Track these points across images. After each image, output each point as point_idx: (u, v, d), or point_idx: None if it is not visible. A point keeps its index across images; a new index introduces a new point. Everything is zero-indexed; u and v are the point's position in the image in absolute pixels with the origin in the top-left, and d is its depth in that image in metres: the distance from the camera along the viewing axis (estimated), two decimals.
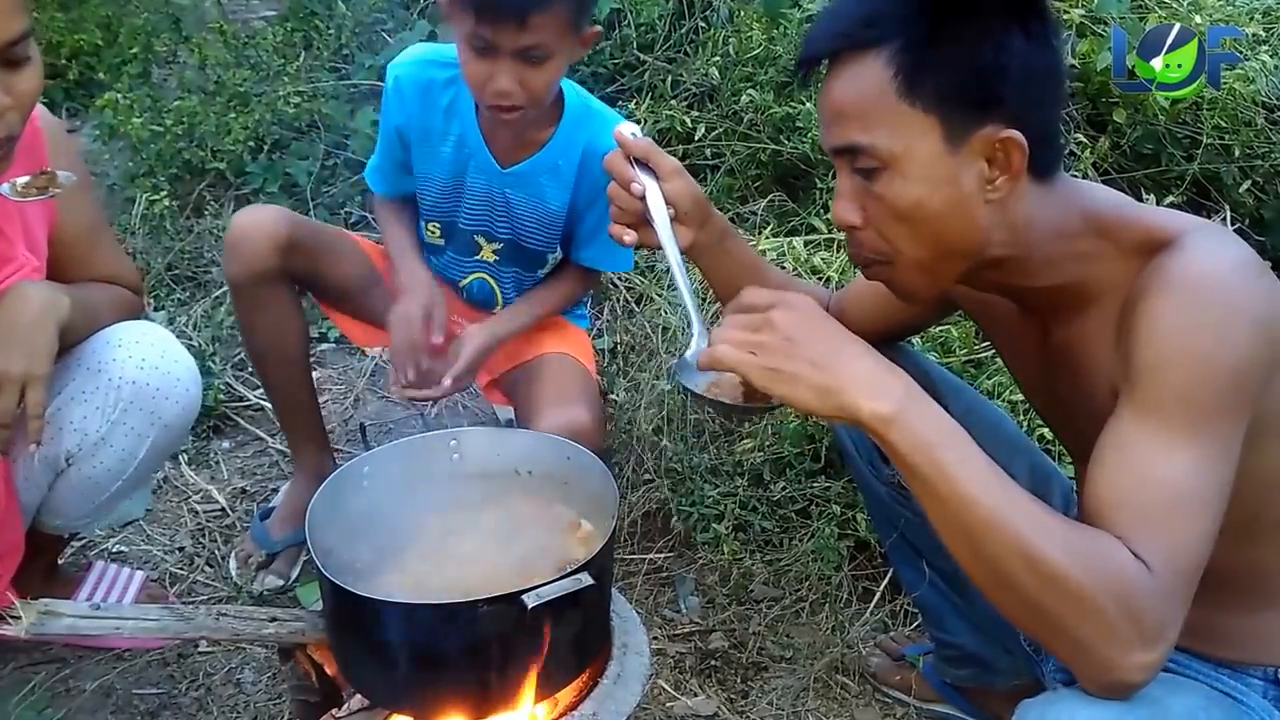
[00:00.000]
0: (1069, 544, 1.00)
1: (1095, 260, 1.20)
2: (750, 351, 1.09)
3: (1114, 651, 0.99)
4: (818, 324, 1.11)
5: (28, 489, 1.69)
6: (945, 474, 1.03)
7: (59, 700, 1.82)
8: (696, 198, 1.43)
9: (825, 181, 2.68)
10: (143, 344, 1.67)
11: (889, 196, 1.16)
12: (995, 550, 1.01)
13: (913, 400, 1.06)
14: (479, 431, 1.67)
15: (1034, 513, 1.02)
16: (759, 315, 1.11)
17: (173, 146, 3.28)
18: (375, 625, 1.36)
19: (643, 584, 2.08)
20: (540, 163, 1.94)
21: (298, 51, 3.58)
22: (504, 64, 1.72)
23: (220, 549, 2.18)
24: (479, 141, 1.93)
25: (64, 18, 4.01)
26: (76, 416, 1.65)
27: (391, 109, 1.97)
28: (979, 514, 1.01)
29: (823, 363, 1.07)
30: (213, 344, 2.71)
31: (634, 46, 3.08)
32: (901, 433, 1.04)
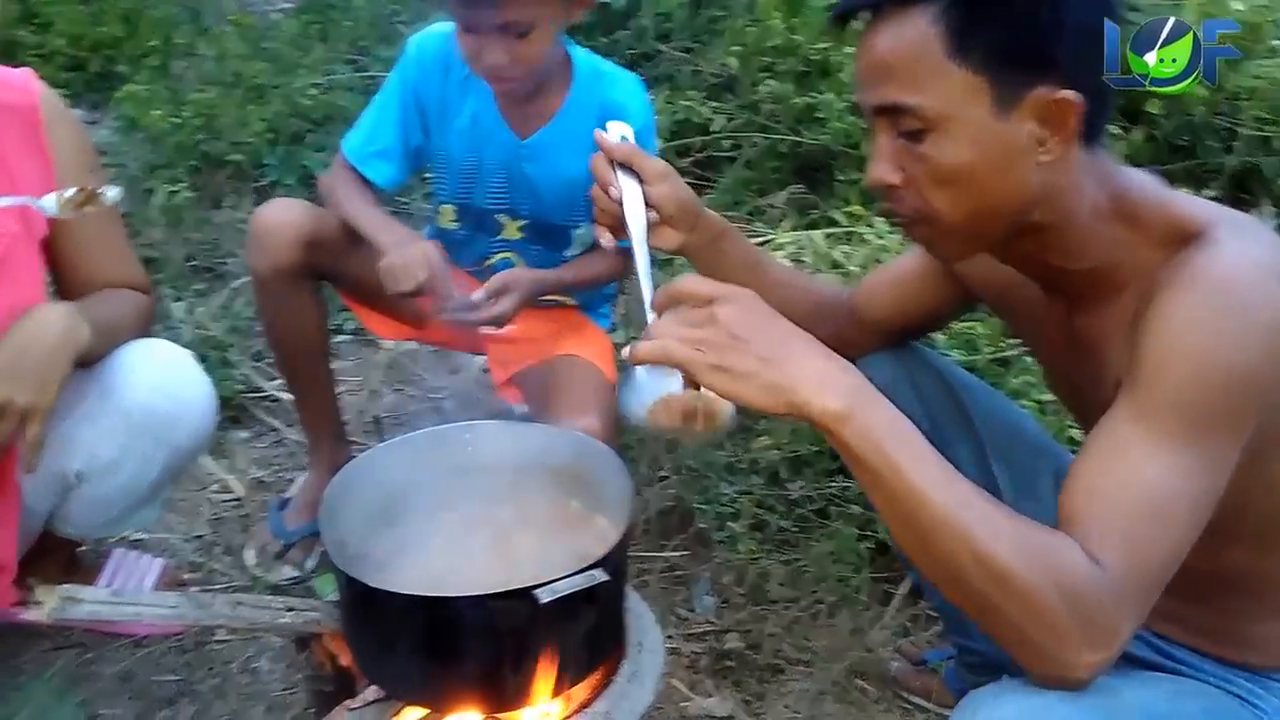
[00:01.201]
0: (1020, 543, 0.99)
1: (1123, 247, 1.17)
2: (695, 348, 1.05)
3: (1060, 650, 0.98)
4: (764, 318, 1.07)
5: (37, 498, 1.69)
6: (896, 471, 1.01)
7: (79, 685, 1.84)
8: (683, 201, 1.40)
9: (846, 174, 2.67)
10: (156, 368, 1.67)
11: (934, 159, 1.12)
12: (944, 547, 1.01)
13: (864, 397, 1.04)
14: (494, 425, 1.67)
15: (985, 511, 1.01)
16: (702, 310, 1.07)
17: (191, 138, 3.30)
18: (388, 617, 1.36)
19: (657, 582, 2.07)
20: (556, 130, 1.94)
21: (314, 44, 3.59)
22: (490, 39, 1.74)
23: (237, 538, 2.19)
24: (495, 115, 1.94)
25: (85, 10, 4.04)
26: (86, 438, 1.64)
27: (410, 76, 1.96)
28: (929, 511, 1.00)
29: (771, 359, 1.03)
30: (231, 335, 2.72)
31: (651, 36, 3.07)
32: (853, 430, 1.02)
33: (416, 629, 1.35)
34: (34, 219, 1.57)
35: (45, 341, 1.47)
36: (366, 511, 1.52)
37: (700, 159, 2.91)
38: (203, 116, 3.32)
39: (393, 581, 1.39)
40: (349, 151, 1.99)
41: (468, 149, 1.97)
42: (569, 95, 1.94)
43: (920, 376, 1.59)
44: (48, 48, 3.90)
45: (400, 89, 1.97)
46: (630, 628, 1.52)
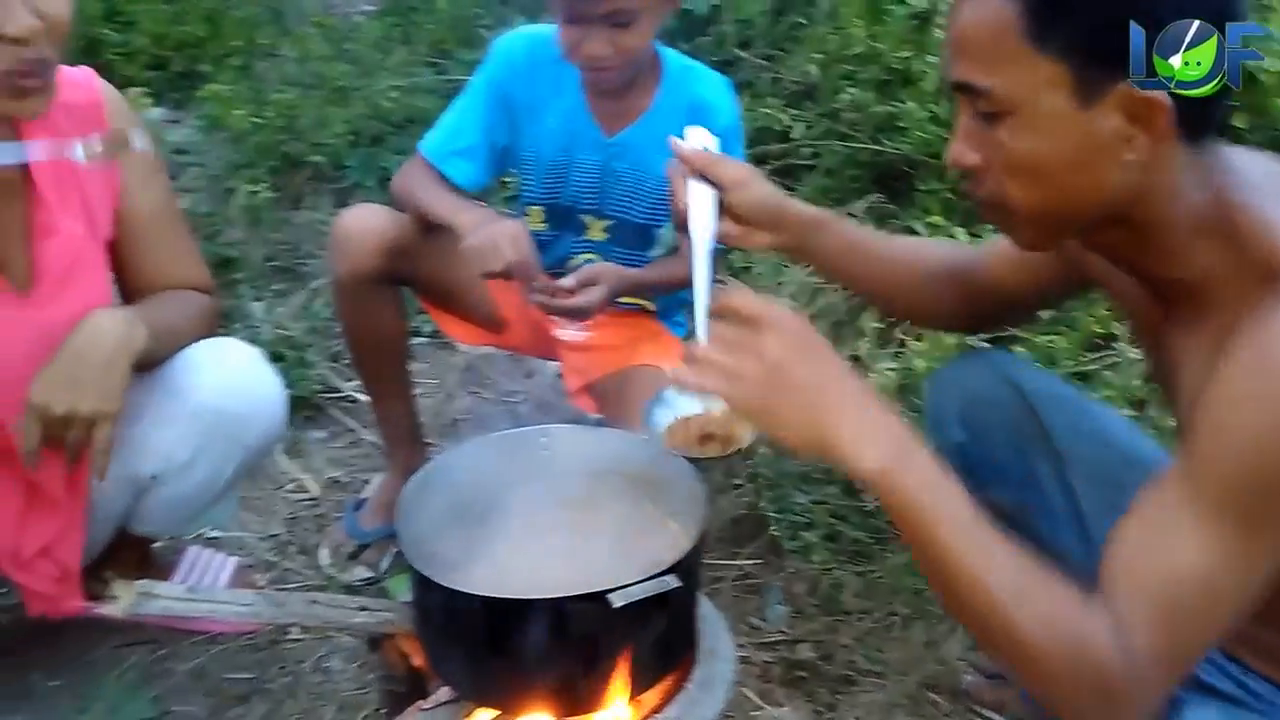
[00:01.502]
0: (1047, 618, 0.98)
1: (1217, 265, 1.07)
2: (737, 382, 1.02)
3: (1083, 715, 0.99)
4: (809, 353, 1.04)
5: (115, 501, 1.71)
6: (930, 533, 1.00)
7: (153, 681, 1.86)
8: (766, 204, 1.38)
9: (927, 184, 2.63)
10: (225, 368, 1.68)
11: (1007, 146, 1.06)
12: (972, 612, 1.01)
13: (902, 455, 1.02)
14: (570, 429, 1.66)
15: (1017, 578, 0.99)
16: (746, 334, 1.04)
17: (273, 139, 3.34)
18: (461, 618, 1.35)
19: (729, 590, 2.05)
20: (644, 129, 1.94)
21: (396, 46, 3.62)
22: (593, 29, 1.75)
23: (312, 537, 2.20)
24: (584, 114, 1.95)
25: (169, 10, 4.11)
26: (158, 441, 1.65)
27: (498, 75, 1.96)
28: (960, 576, 1.00)
29: (812, 405, 1.01)
30: (309, 335, 2.74)
31: (732, 43, 3.05)
32: (888, 491, 1.01)
33: (489, 630, 1.34)
34: (99, 223, 1.59)
35: (102, 347, 1.48)
36: (442, 512, 1.52)
37: (779, 167, 2.89)
38: (284, 117, 3.36)
39: (466, 582, 1.38)
40: (429, 151, 1.98)
41: (556, 148, 1.97)
42: (658, 94, 1.94)
43: (998, 393, 1.53)
44: (131, 46, 3.97)
45: (487, 89, 1.97)
46: (702, 635, 1.50)
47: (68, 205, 1.54)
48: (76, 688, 1.83)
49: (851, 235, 1.51)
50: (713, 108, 1.93)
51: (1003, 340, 2.23)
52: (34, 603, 1.67)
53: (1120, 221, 1.09)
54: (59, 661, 1.88)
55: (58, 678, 1.85)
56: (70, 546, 1.65)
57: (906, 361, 2.14)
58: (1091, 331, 2.24)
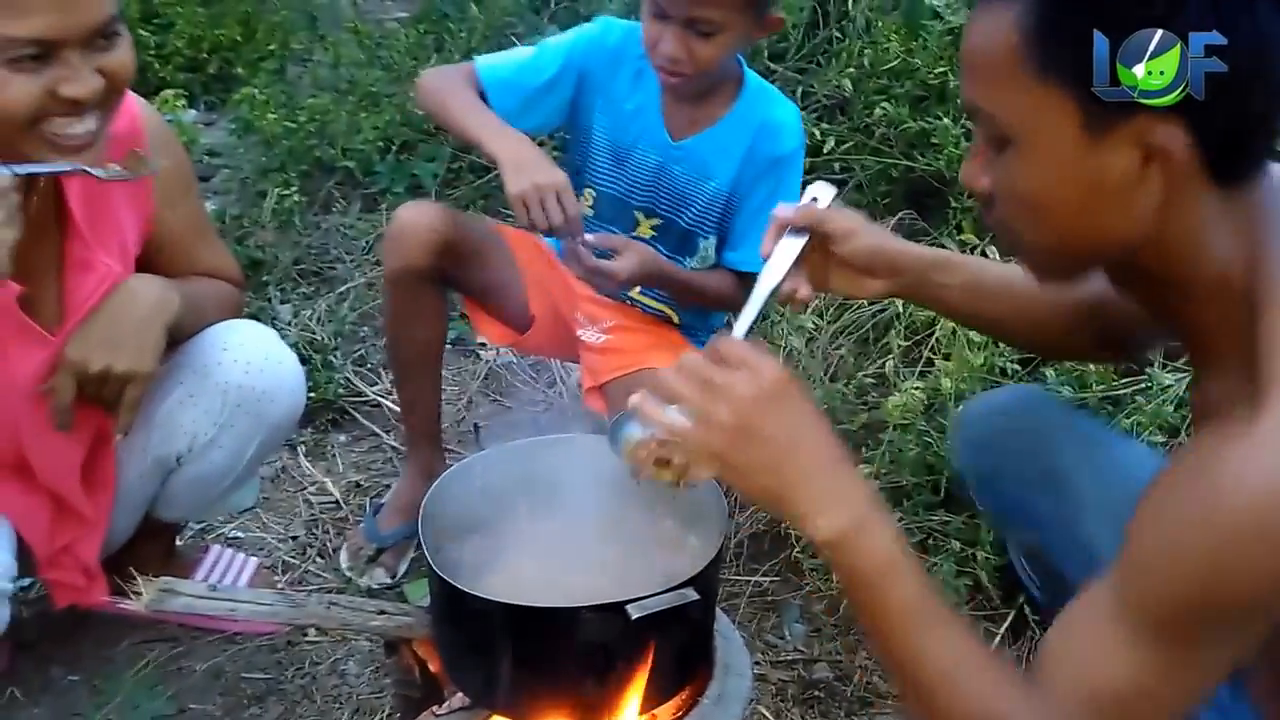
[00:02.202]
0: (982, 701, 0.99)
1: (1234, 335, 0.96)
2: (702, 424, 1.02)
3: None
4: (783, 407, 1.02)
5: (141, 485, 1.73)
6: (876, 610, 1.02)
7: (170, 679, 1.87)
8: (876, 250, 1.35)
9: (960, 201, 2.61)
10: (248, 346, 1.70)
11: (1012, 175, 0.99)
12: (907, 687, 1.04)
13: (860, 526, 1.01)
14: (592, 439, 1.66)
15: (955, 666, 1.00)
16: (720, 374, 1.02)
17: (304, 143, 3.35)
18: (479, 624, 1.36)
19: (747, 606, 2.03)
20: (711, 138, 1.96)
21: (429, 53, 3.63)
22: (674, 30, 1.77)
23: (332, 540, 2.21)
24: (656, 113, 1.97)
25: (205, 13, 4.14)
26: (186, 420, 1.68)
27: (585, 49, 1.98)
28: (899, 656, 1.02)
29: (774, 461, 1.01)
30: (335, 339, 2.75)
31: (765, 56, 3.04)
32: (840, 560, 1.02)
33: (507, 637, 1.34)
34: (128, 254, 1.60)
35: (138, 309, 1.51)
36: (462, 519, 1.53)
37: (808, 180, 2.87)
38: (316, 122, 3.38)
39: (484, 589, 1.38)
40: (484, 70, 1.97)
41: (622, 138, 1.99)
42: (733, 108, 1.96)
43: (1024, 431, 1.51)
44: (167, 48, 4.00)
45: (570, 55, 1.98)
46: (718, 650, 1.50)
47: (103, 241, 1.55)
48: (95, 683, 1.85)
49: (973, 272, 1.43)
50: (782, 130, 1.96)
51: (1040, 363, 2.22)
52: (61, 594, 1.69)
53: (1137, 268, 1.02)
54: (79, 656, 1.89)
55: (77, 672, 1.87)
56: (89, 546, 1.66)
57: (934, 381, 2.12)
58: None
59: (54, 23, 1.26)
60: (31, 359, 1.49)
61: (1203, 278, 0.98)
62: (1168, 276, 1.00)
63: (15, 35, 1.24)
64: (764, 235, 1.34)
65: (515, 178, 1.76)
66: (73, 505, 1.62)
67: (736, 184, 1.97)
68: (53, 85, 1.29)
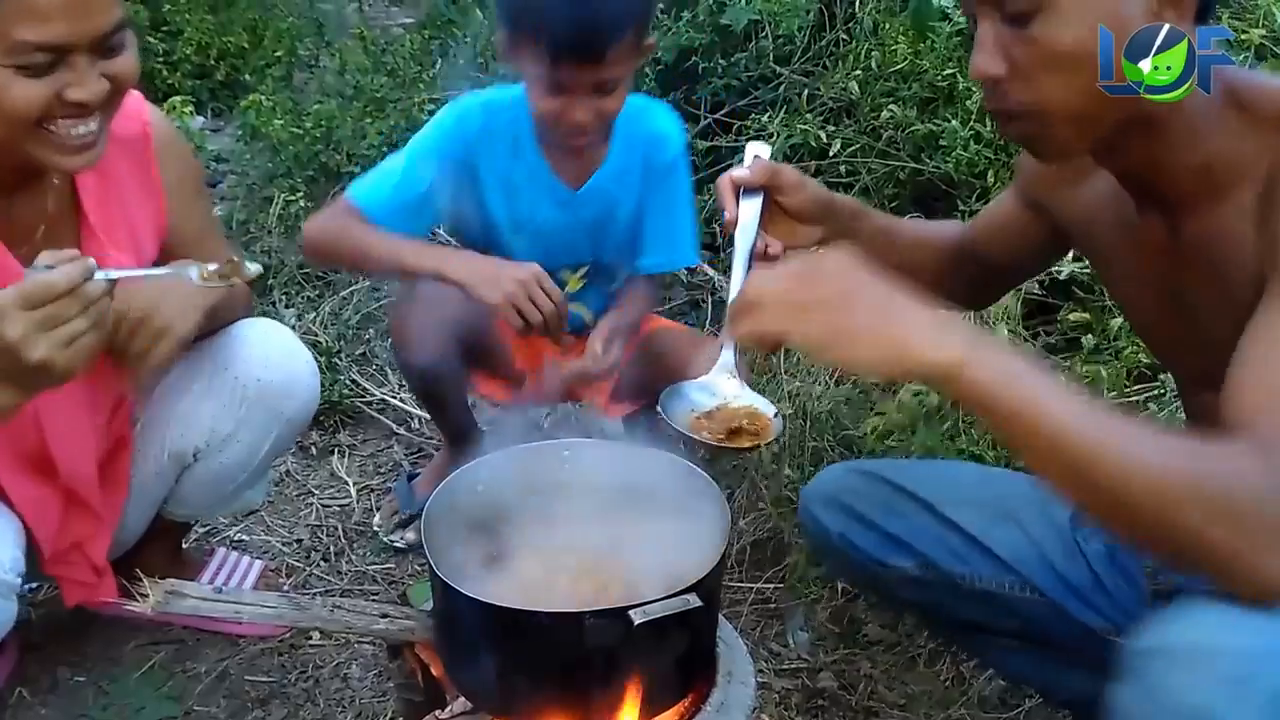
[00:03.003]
0: (1182, 453, 0.94)
1: (1235, 136, 1.10)
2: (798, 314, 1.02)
3: (1258, 555, 0.92)
4: (865, 274, 1.03)
5: (156, 482, 1.74)
6: (1032, 407, 0.96)
7: (176, 680, 1.87)
8: (818, 200, 1.45)
9: (968, 204, 2.60)
10: (266, 343, 1.72)
11: (1045, 40, 1.06)
12: (1103, 476, 0.95)
13: (978, 341, 0.99)
14: (594, 443, 1.66)
15: (1133, 430, 0.96)
16: (802, 264, 1.04)
17: (310, 149, 3.36)
18: (482, 628, 1.35)
19: (749, 614, 2.03)
20: (608, 172, 1.97)
21: (434, 59, 3.64)
22: (578, 98, 1.75)
23: (337, 544, 2.21)
24: (547, 174, 1.95)
25: (213, 20, 4.16)
26: (205, 414, 1.70)
27: (459, 145, 1.93)
28: (1075, 442, 0.95)
29: (882, 318, 1.00)
30: (338, 341, 2.76)
31: (770, 59, 3.04)
32: (975, 375, 0.97)
33: (509, 642, 1.34)
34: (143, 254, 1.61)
35: (183, 288, 1.51)
36: (465, 523, 1.53)
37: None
38: (322, 127, 3.39)
39: (487, 593, 1.38)
40: (364, 200, 1.92)
41: (523, 209, 1.97)
42: (614, 138, 1.96)
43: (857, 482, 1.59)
44: (176, 55, 4.02)
45: (440, 153, 1.92)
46: (721, 657, 1.49)
47: (116, 240, 1.56)
48: (101, 684, 1.85)
49: (883, 222, 1.58)
50: (667, 138, 2.00)
51: None
52: (71, 592, 1.70)
53: (1141, 120, 1.10)
54: (86, 658, 1.90)
55: (84, 673, 1.87)
56: (99, 544, 1.67)
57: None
58: (1136, 362, 2.20)
59: (67, 29, 1.27)
60: None
61: (1195, 105, 1.08)
62: (1165, 113, 1.09)
63: (30, 40, 1.26)
64: (722, 199, 1.39)
65: (490, 288, 1.75)
66: (85, 501, 1.62)
67: (641, 200, 2.00)
68: (60, 88, 1.30)
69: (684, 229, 2.07)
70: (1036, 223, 1.45)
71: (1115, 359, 2.21)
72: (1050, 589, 1.46)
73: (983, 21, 1.11)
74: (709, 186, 2.96)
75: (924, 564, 1.51)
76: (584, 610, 1.29)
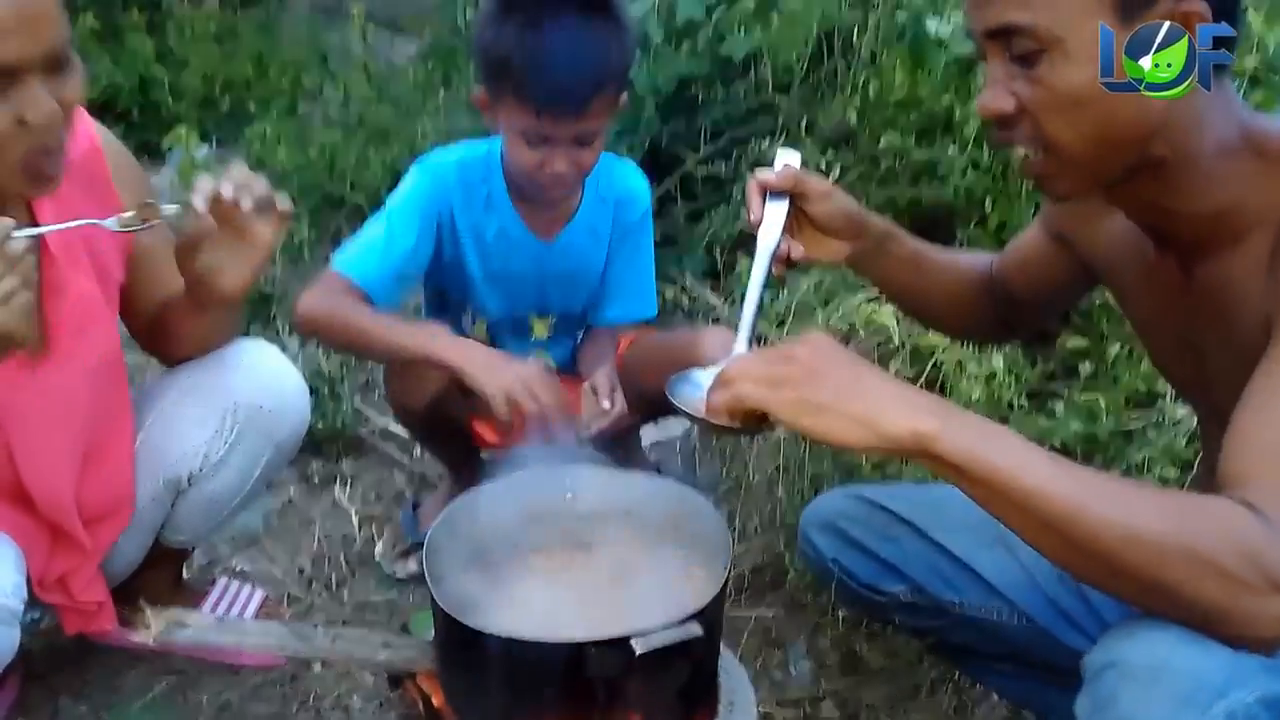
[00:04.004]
0: (1163, 508, 0.94)
1: (1253, 182, 1.10)
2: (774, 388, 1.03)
3: (1247, 604, 0.92)
4: (840, 352, 1.05)
5: (152, 509, 1.74)
6: (1010, 475, 0.96)
7: (177, 711, 1.86)
8: (848, 214, 1.43)
9: (966, 231, 2.62)
10: (256, 366, 1.73)
11: (1051, 81, 1.07)
12: (1086, 536, 0.95)
13: (950, 412, 1.00)
14: (594, 471, 1.67)
15: (1113, 488, 0.96)
16: (777, 350, 1.06)
17: (315, 178, 3.39)
18: (483, 658, 1.35)
19: (749, 642, 2.01)
20: (577, 227, 2.02)
21: (437, 89, 3.67)
22: (561, 150, 1.79)
23: (339, 573, 2.21)
24: (520, 227, 1.98)
25: (218, 51, 4.20)
26: (198, 440, 1.70)
27: (434, 201, 1.94)
28: (1057, 505, 0.95)
29: (851, 392, 1.01)
30: (341, 369, 2.77)
31: (770, 88, 3.06)
32: (950, 444, 0.97)
33: (510, 671, 1.34)
34: (109, 275, 1.60)
35: None
36: (467, 552, 1.54)
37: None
38: (326, 157, 3.42)
39: (489, 623, 1.38)
40: (355, 271, 1.90)
41: (497, 262, 2.00)
42: (584, 191, 2.00)
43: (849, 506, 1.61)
44: (181, 85, 4.06)
45: (420, 214, 1.92)
46: (722, 686, 1.50)
47: (76, 261, 1.55)
48: (103, 714, 1.84)
49: (914, 245, 1.55)
50: (636, 196, 2.07)
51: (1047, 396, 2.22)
52: (70, 620, 1.69)
53: (1151, 165, 1.10)
54: (87, 687, 1.89)
55: (84, 702, 1.87)
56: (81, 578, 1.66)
57: None
58: (1135, 389, 2.21)
59: (19, 45, 1.26)
60: (18, 388, 1.49)
61: (1208, 149, 1.09)
62: (1180, 158, 1.10)
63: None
64: (748, 199, 1.39)
65: (489, 375, 1.73)
66: (70, 533, 1.62)
67: (609, 254, 2.06)
68: (18, 113, 1.30)
69: (647, 283, 2.15)
70: (1063, 255, 1.44)
71: (1114, 385, 2.22)
72: (1039, 614, 1.46)
73: (991, 59, 1.12)
74: (711, 212, 3.01)
75: (915, 589, 1.53)
76: (586, 639, 1.29)
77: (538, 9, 1.74)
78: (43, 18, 1.29)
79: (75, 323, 1.54)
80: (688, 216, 3.06)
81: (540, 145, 1.79)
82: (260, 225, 1.48)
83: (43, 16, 1.29)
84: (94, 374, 1.57)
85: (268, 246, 1.50)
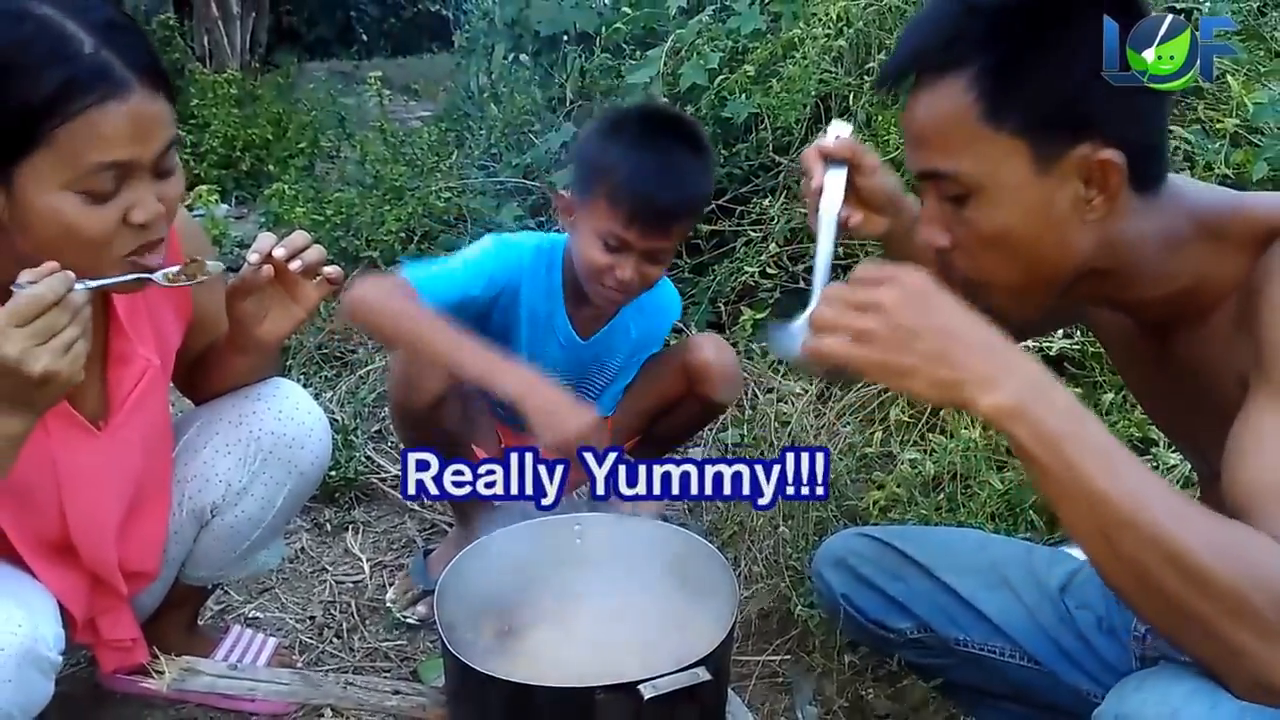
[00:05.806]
0: (1214, 538, 0.93)
1: (1210, 262, 1.14)
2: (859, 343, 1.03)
3: (1266, 650, 0.91)
4: (932, 302, 1.03)
5: (176, 542, 1.78)
6: (1072, 469, 0.96)
7: None
8: (890, 191, 1.43)
9: None
10: (278, 398, 1.78)
11: (976, 223, 1.13)
12: (1132, 548, 0.94)
13: (1036, 390, 0.99)
14: (603, 517, 1.70)
15: (1173, 505, 0.95)
16: (865, 294, 1.04)
17: (331, 235, 3.46)
18: (493, 703, 1.37)
19: (757, 686, 2.03)
20: (613, 330, 2.14)
21: (450, 150, 3.76)
22: (633, 260, 1.90)
23: (350, 620, 2.24)
24: (564, 319, 2.09)
25: (239, 113, 4.30)
26: (221, 469, 1.75)
27: (506, 273, 2.02)
28: (1111, 510, 0.95)
29: (938, 352, 1.00)
30: (354, 419, 2.81)
31: (770, 149, 3.14)
32: (1023, 427, 0.97)
33: (520, 717, 1.36)
34: (168, 345, 1.67)
35: None
36: (477, 599, 1.56)
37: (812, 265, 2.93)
38: (342, 214, 3.49)
39: (499, 669, 1.41)
40: (420, 284, 1.92)
41: (540, 342, 2.10)
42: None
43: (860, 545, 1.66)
44: (203, 146, 4.15)
45: (492, 275, 2.01)
46: None
47: (141, 333, 1.61)
48: None
49: None
50: (668, 311, 2.24)
51: None
52: (107, 658, 1.72)
53: (1096, 272, 1.15)
54: None
55: None
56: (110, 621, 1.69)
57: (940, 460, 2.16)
58: (1129, 436, 2.24)
59: (132, 148, 1.32)
60: (77, 450, 1.54)
61: (1153, 250, 1.14)
62: (1124, 266, 1.15)
63: (102, 160, 1.30)
64: (807, 166, 1.39)
65: (548, 421, 1.65)
66: (108, 582, 1.65)
67: (632, 354, 2.20)
68: (125, 213, 1.36)
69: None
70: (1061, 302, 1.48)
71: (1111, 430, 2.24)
72: (1041, 653, 1.50)
73: (926, 196, 1.18)
74: (714, 268, 3.06)
75: (921, 627, 1.57)
76: (594, 685, 1.30)
77: (648, 135, 1.91)
78: (157, 122, 1.36)
79: (136, 393, 1.59)
80: (692, 269, 3.13)
81: (616, 252, 1.89)
82: (308, 287, 1.57)
83: (157, 121, 1.36)
84: (146, 441, 1.63)
85: (311, 307, 1.60)
